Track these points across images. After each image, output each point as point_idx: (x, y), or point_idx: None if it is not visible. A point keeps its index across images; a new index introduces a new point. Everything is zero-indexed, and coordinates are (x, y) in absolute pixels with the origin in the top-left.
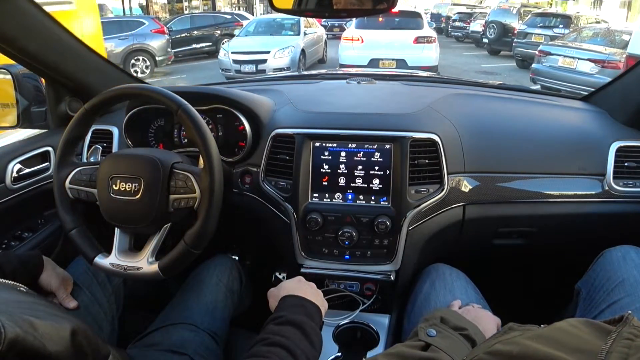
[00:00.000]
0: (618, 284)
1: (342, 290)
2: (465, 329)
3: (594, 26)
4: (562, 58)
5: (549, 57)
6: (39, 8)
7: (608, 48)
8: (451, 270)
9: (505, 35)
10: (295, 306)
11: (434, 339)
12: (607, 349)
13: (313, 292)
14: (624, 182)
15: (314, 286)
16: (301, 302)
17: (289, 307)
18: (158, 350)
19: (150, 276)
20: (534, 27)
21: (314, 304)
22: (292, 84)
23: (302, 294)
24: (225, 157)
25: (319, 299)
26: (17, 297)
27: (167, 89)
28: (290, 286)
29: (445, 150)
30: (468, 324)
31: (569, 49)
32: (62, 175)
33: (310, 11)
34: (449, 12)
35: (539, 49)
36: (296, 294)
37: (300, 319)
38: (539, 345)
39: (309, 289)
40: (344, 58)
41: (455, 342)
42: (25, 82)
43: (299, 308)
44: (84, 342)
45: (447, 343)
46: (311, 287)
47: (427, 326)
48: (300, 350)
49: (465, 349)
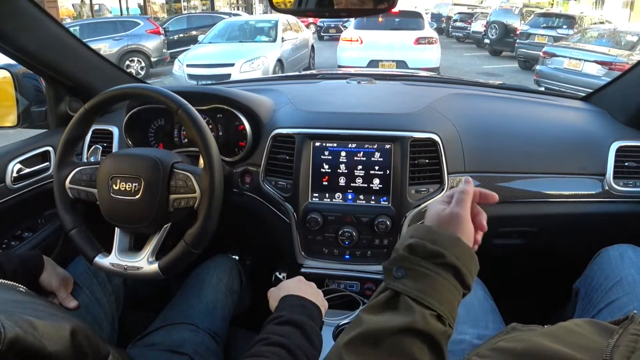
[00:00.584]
0: (616, 283)
1: (342, 290)
2: (442, 255)
3: (599, 27)
4: (567, 60)
5: (554, 59)
6: (39, 8)
7: (614, 49)
8: None
9: (507, 36)
10: (295, 306)
11: (403, 281)
12: (613, 342)
13: (313, 292)
14: (624, 182)
15: (314, 286)
16: (301, 301)
17: (288, 306)
18: (158, 350)
19: (150, 276)
20: (537, 28)
21: (313, 304)
22: (292, 84)
23: (302, 293)
24: (225, 157)
25: (319, 299)
26: (17, 297)
27: (167, 89)
28: (290, 286)
29: (446, 150)
30: (446, 241)
31: (574, 50)
32: (62, 175)
33: (310, 11)
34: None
35: (543, 51)
36: (296, 293)
37: (300, 319)
38: (544, 341)
39: (309, 288)
40: (343, 59)
41: (432, 279)
42: (25, 82)
43: (298, 308)
44: (84, 342)
45: (418, 285)
46: (311, 287)
47: (393, 264)
48: (300, 350)
49: (445, 287)
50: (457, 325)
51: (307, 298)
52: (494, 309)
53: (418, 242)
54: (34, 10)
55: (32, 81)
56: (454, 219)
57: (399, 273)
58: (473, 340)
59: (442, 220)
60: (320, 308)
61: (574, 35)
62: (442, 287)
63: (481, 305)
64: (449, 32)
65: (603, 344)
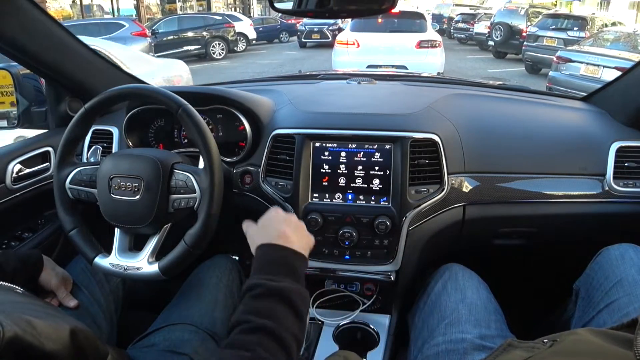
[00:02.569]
0: (616, 283)
1: (342, 290)
2: None
3: (614, 29)
4: (584, 66)
5: (569, 65)
6: (39, 8)
7: (633, 54)
8: (464, 271)
9: (512, 38)
10: (276, 264)
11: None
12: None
13: (294, 229)
14: (624, 182)
15: (293, 220)
16: (283, 255)
17: (267, 265)
18: (158, 351)
19: (150, 276)
20: (546, 30)
21: (297, 254)
22: (292, 84)
23: (283, 239)
24: (225, 157)
25: (303, 238)
26: (14, 298)
27: (167, 89)
28: (267, 229)
29: (446, 151)
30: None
31: (592, 55)
32: (62, 175)
33: (310, 11)
34: (451, 12)
35: (557, 55)
36: (275, 242)
37: (284, 287)
38: None
39: (289, 227)
40: (338, 64)
41: None
42: (25, 82)
43: (280, 267)
44: (83, 342)
45: None
46: (291, 223)
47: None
48: (287, 332)
49: None
50: (459, 324)
51: (289, 247)
52: (497, 310)
53: None
54: (33, 10)
55: (32, 81)
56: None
57: None
58: (475, 339)
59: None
60: (305, 254)
61: (587, 39)
62: None
63: (484, 305)
64: (451, 33)
65: (629, 355)
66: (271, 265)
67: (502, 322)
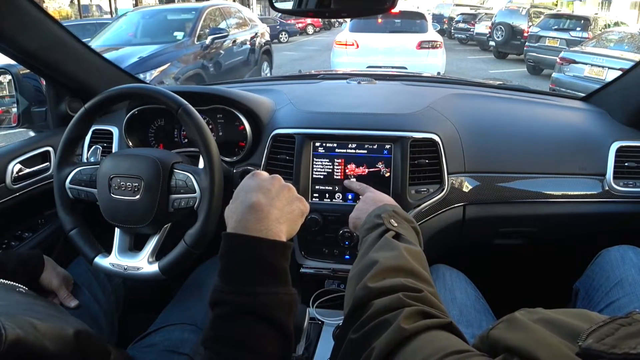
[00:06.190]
0: (616, 284)
1: (342, 290)
2: (412, 221)
3: (619, 29)
4: (589, 67)
5: (573, 66)
6: (39, 8)
7: (638, 55)
8: (451, 271)
9: (514, 38)
10: (245, 266)
11: (399, 228)
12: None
13: (273, 196)
14: (624, 182)
15: (275, 184)
16: (251, 253)
17: (236, 268)
18: (158, 350)
19: (150, 276)
20: (548, 30)
21: (272, 243)
22: (292, 84)
23: (254, 214)
24: (225, 157)
25: (286, 206)
26: (17, 298)
27: (167, 89)
28: (235, 203)
29: (446, 150)
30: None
31: (596, 56)
32: (62, 175)
33: (310, 11)
34: (452, 12)
35: (560, 56)
36: (245, 225)
37: (259, 302)
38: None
39: (265, 195)
40: (337, 65)
41: (411, 232)
42: (25, 82)
43: (250, 270)
44: (86, 343)
45: (408, 233)
46: (268, 190)
47: (388, 217)
48: (269, 358)
49: (416, 240)
50: None
51: (260, 236)
52: (486, 309)
53: (396, 210)
54: (34, 10)
55: (32, 81)
56: (380, 197)
57: (395, 223)
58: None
59: (379, 200)
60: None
61: (591, 39)
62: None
63: (474, 305)
64: (451, 33)
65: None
66: (240, 267)
67: (493, 320)
